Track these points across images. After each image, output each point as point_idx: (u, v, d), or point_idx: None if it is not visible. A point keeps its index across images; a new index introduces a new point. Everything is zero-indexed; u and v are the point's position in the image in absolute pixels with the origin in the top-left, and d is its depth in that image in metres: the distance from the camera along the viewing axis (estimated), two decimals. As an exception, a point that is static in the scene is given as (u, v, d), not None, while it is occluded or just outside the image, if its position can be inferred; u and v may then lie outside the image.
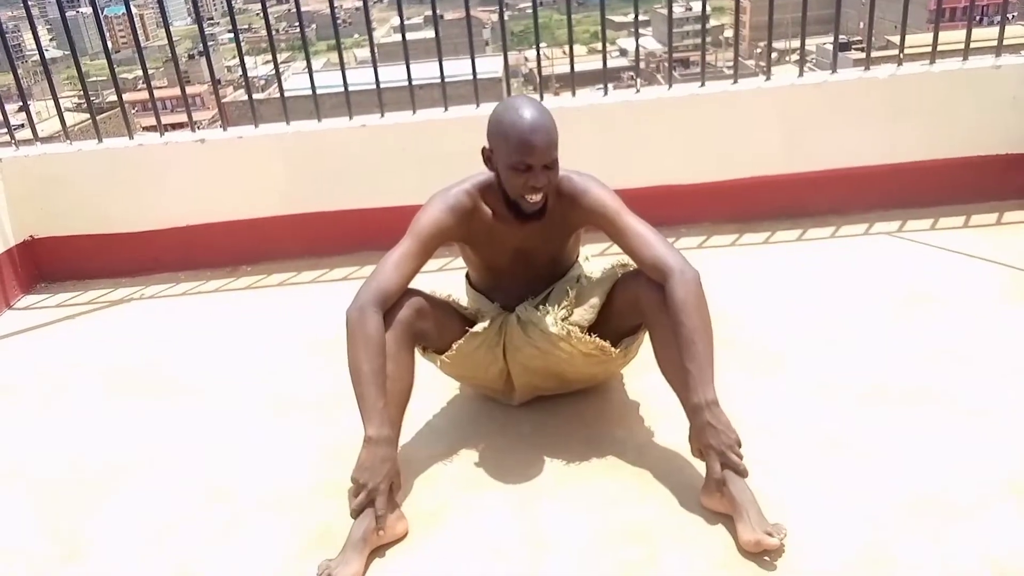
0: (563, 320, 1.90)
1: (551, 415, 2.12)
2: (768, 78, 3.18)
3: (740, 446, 1.68)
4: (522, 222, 1.90)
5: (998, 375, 2.10)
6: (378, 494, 1.66)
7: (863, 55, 3.31)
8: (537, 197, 1.80)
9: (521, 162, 1.75)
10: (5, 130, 3.42)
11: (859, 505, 1.70)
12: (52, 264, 3.39)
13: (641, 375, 2.17)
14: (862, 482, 1.76)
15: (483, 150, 1.86)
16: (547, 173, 1.78)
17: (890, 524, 1.64)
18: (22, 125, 3.68)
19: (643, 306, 1.84)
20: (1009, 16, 3.35)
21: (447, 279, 2.21)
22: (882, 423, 1.95)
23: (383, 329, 1.76)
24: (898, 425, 1.94)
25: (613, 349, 1.92)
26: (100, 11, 3.53)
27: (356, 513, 1.67)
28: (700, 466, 1.74)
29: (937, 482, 1.74)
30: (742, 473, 1.66)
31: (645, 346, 1.96)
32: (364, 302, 1.76)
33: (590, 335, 1.90)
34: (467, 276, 2.15)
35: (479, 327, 1.96)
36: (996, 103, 3.08)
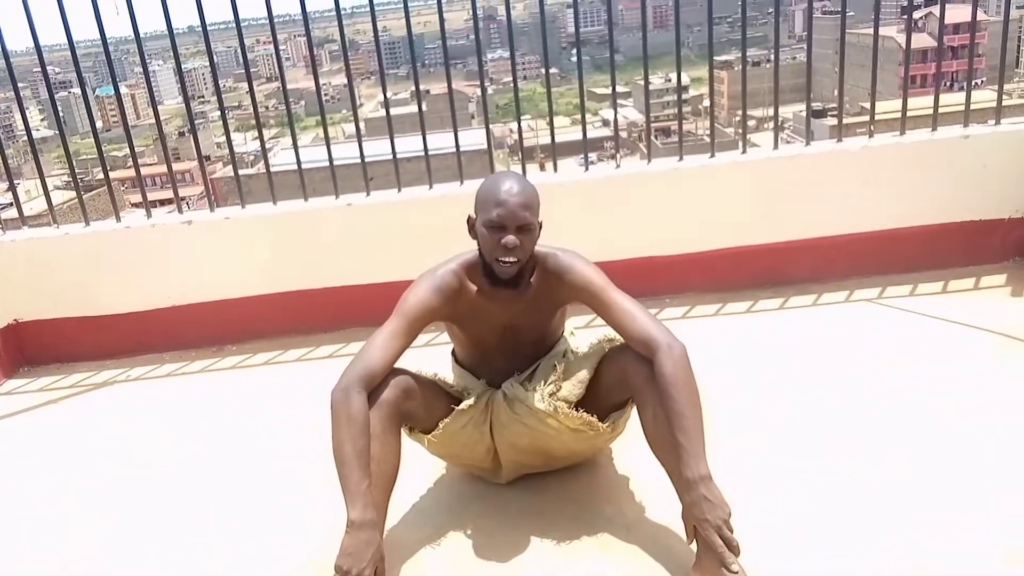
0: (550, 396, 1.90)
1: (539, 493, 2.09)
2: (744, 151, 3.26)
3: (730, 518, 1.66)
4: (507, 299, 1.92)
5: (983, 439, 2.10)
6: None
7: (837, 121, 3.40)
8: (510, 259, 1.83)
9: (494, 221, 1.80)
10: (-8, 214, 3.44)
11: (850, 566, 1.68)
12: (36, 347, 3.38)
13: (629, 450, 2.16)
14: (849, 553, 1.75)
15: (468, 218, 1.91)
16: (520, 236, 1.81)
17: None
18: (10, 204, 3.70)
19: (631, 381, 1.84)
20: (977, 82, 3.47)
21: (433, 355, 2.21)
22: (866, 493, 1.94)
23: (367, 410, 1.75)
24: (883, 495, 1.93)
25: (601, 424, 1.92)
26: (92, 91, 3.61)
27: None
28: (691, 543, 1.72)
29: (926, 552, 1.72)
30: (735, 549, 1.64)
31: (633, 421, 1.96)
32: (349, 382, 1.76)
33: (577, 411, 1.90)
34: (452, 353, 2.16)
35: (465, 404, 1.95)
36: (967, 171, 3.16)
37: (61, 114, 3.41)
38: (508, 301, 1.93)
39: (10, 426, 2.92)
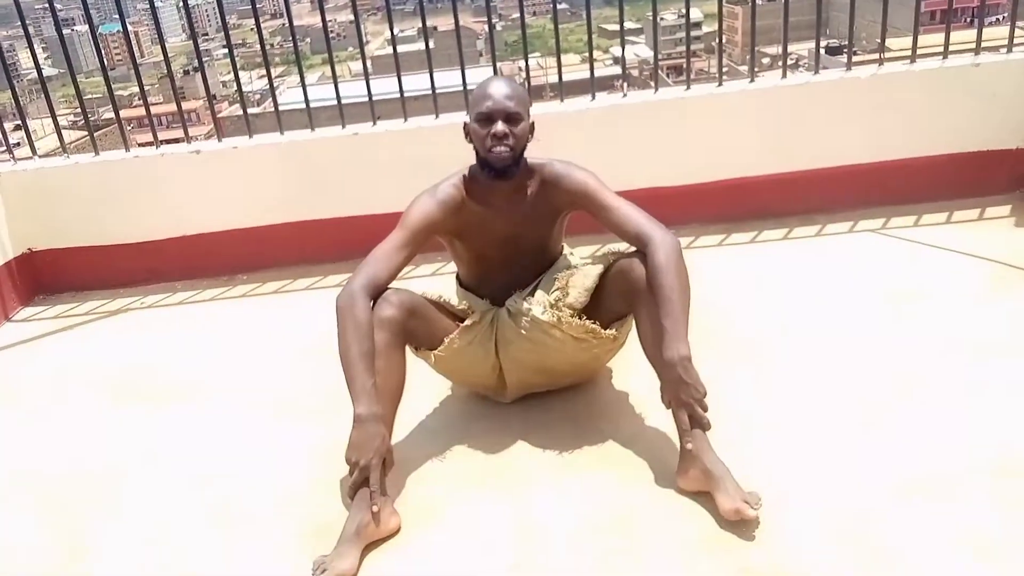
0: (553, 306, 1.95)
1: (541, 412, 2.16)
2: (752, 80, 3.24)
3: (706, 399, 1.74)
4: (507, 206, 1.96)
5: (981, 365, 2.15)
6: (371, 470, 1.70)
7: (855, 59, 3.37)
8: (501, 149, 1.87)
9: (483, 113, 1.86)
10: (3, 147, 3.47)
11: (842, 486, 1.75)
12: (50, 276, 3.44)
13: (627, 373, 2.22)
14: (845, 465, 1.81)
15: (463, 124, 1.96)
16: (509, 126, 1.86)
17: (874, 504, 1.69)
18: (17, 144, 3.73)
19: (633, 290, 1.88)
20: (998, 17, 3.42)
21: (439, 285, 2.25)
22: (866, 411, 2.00)
23: (371, 314, 1.82)
24: (883, 413, 1.99)
25: (604, 331, 1.97)
26: (96, 29, 3.59)
27: (352, 491, 1.71)
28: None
29: (922, 465, 1.79)
30: (705, 426, 1.73)
31: (633, 347, 2.00)
32: (353, 289, 1.83)
33: (580, 319, 1.95)
34: (456, 277, 2.20)
35: (470, 320, 2.01)
36: (976, 100, 3.13)
37: (63, 51, 3.41)
38: (508, 209, 1.97)
39: (26, 351, 3.00)
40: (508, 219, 1.98)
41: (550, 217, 2.04)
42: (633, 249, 1.92)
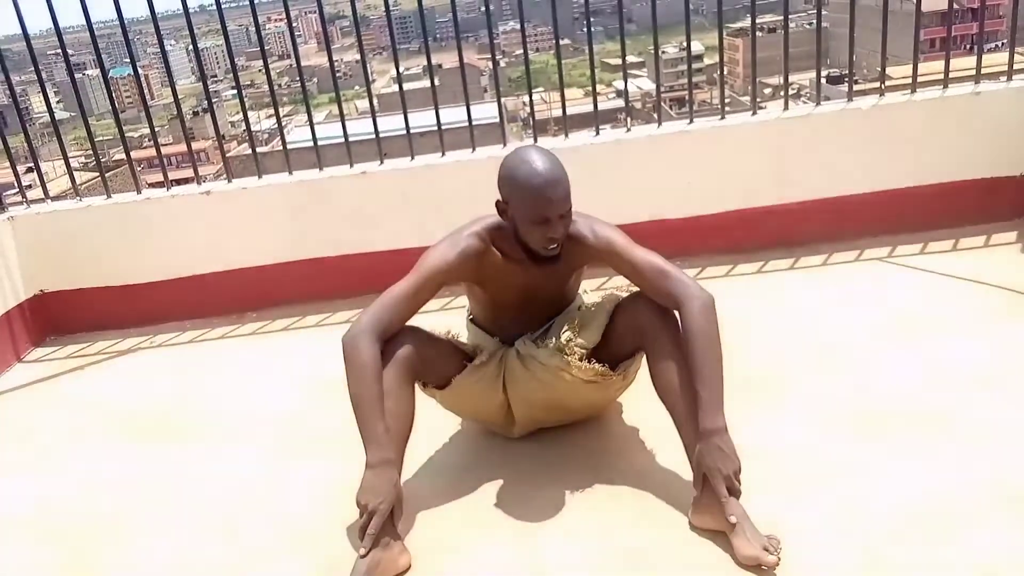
0: (568, 342, 1.94)
1: (551, 448, 2.15)
2: (754, 112, 3.27)
3: (740, 473, 1.72)
4: (530, 264, 1.95)
5: (990, 393, 2.14)
6: (379, 515, 1.69)
7: (856, 87, 3.41)
8: (556, 247, 1.86)
9: (540, 216, 1.80)
10: (16, 189, 3.52)
11: (854, 519, 1.73)
12: (61, 317, 3.47)
13: (638, 405, 2.21)
14: (857, 499, 1.80)
15: (497, 203, 1.89)
16: (563, 222, 1.83)
17: (885, 536, 1.67)
18: (29, 186, 3.79)
19: (644, 328, 1.88)
20: (996, 44, 3.46)
21: (448, 320, 2.25)
22: (876, 444, 1.99)
23: (378, 356, 1.80)
24: (892, 445, 1.98)
25: (612, 373, 1.97)
26: (107, 73, 3.67)
27: (362, 534, 1.70)
28: (698, 489, 1.77)
29: (932, 496, 1.77)
30: (737, 494, 1.70)
31: (642, 376, 2.01)
32: (358, 331, 1.82)
33: (589, 362, 1.95)
34: (468, 312, 2.20)
35: (478, 360, 2.01)
36: (978, 128, 3.16)
37: (75, 95, 3.48)
38: (530, 264, 1.96)
39: (37, 391, 3.01)
40: (529, 272, 1.96)
41: (571, 270, 2.03)
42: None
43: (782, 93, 3.40)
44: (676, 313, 1.84)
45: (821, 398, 2.23)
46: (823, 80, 3.34)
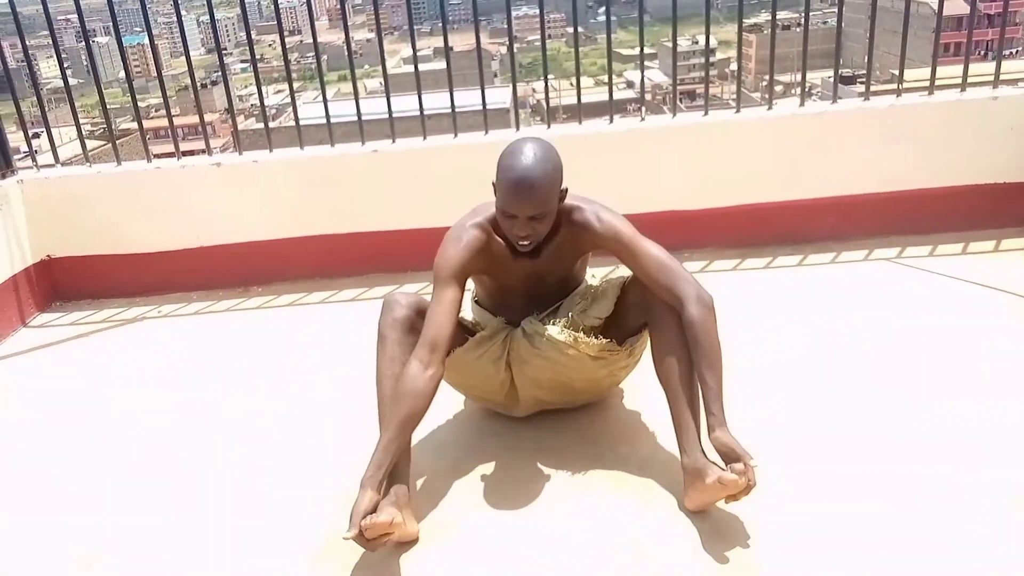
0: (582, 312, 1.96)
1: (554, 432, 2.16)
2: (770, 108, 3.26)
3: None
4: (533, 253, 1.95)
5: (996, 397, 2.14)
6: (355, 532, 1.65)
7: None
8: (524, 242, 1.86)
9: (507, 210, 1.81)
10: (26, 153, 3.52)
11: (858, 516, 1.74)
12: (68, 283, 3.47)
13: (641, 392, 2.22)
14: (861, 495, 1.80)
15: (493, 184, 1.89)
16: (532, 224, 1.81)
17: (890, 536, 1.67)
18: (38, 151, 3.78)
19: (651, 304, 1.89)
20: (1013, 51, 3.44)
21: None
22: (881, 443, 1.99)
23: (434, 390, 1.79)
24: (898, 445, 1.98)
25: (619, 348, 1.98)
26: (121, 40, 3.66)
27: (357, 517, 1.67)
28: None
29: (938, 498, 1.78)
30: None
31: (645, 363, 2.01)
32: (427, 360, 1.77)
33: (596, 338, 1.96)
34: (473, 295, 2.20)
35: (481, 334, 2.02)
36: (993, 133, 3.14)
37: (89, 62, 3.47)
38: (534, 255, 1.96)
39: (43, 357, 3.02)
40: (533, 260, 1.97)
41: (576, 257, 2.04)
42: None
43: (794, 91, 3.39)
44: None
45: (821, 395, 2.23)
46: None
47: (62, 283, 3.48)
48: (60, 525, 2.00)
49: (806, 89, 3.33)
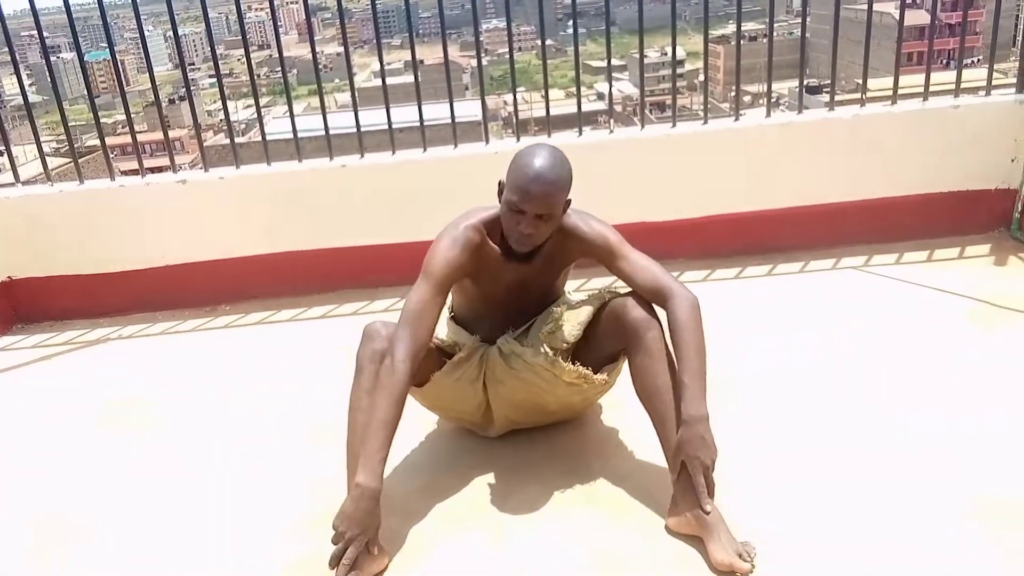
0: (550, 335, 1.94)
1: (528, 449, 2.14)
2: (736, 119, 3.28)
3: (715, 463, 1.73)
4: (524, 258, 1.94)
5: (964, 402, 2.16)
6: (353, 545, 1.67)
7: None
8: (524, 244, 1.85)
9: (515, 205, 1.80)
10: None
11: (831, 532, 1.74)
12: (29, 305, 3.39)
13: (617, 408, 2.21)
14: (832, 502, 1.81)
15: (499, 183, 1.89)
16: (538, 223, 1.81)
17: (854, 543, 1.68)
18: None
19: (629, 328, 1.87)
20: (974, 60, 3.50)
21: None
22: (844, 450, 2.01)
23: (409, 383, 1.77)
24: (861, 451, 1.99)
25: (595, 376, 1.96)
26: (83, 56, 3.59)
27: (335, 563, 1.67)
28: (675, 478, 1.77)
29: (901, 504, 1.79)
30: (711, 493, 1.71)
31: (623, 381, 2.00)
32: (402, 356, 1.76)
33: (573, 364, 1.94)
34: (450, 309, 2.17)
35: (457, 357, 1.99)
36: (955, 142, 3.19)
37: (50, 78, 3.41)
38: (525, 260, 1.96)
39: (2, 382, 2.94)
40: (522, 266, 1.96)
41: (563, 265, 2.04)
42: (628, 289, 1.93)
43: (761, 101, 3.42)
44: (662, 312, 1.86)
45: (792, 403, 2.24)
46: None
47: (23, 305, 3.40)
48: (33, 548, 1.95)
49: (773, 99, 3.37)
